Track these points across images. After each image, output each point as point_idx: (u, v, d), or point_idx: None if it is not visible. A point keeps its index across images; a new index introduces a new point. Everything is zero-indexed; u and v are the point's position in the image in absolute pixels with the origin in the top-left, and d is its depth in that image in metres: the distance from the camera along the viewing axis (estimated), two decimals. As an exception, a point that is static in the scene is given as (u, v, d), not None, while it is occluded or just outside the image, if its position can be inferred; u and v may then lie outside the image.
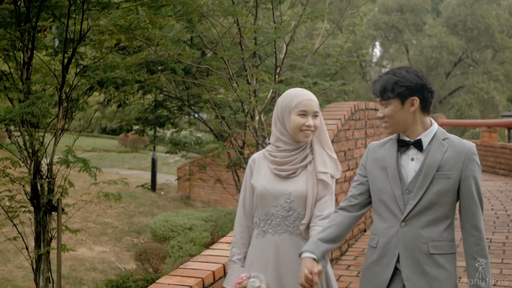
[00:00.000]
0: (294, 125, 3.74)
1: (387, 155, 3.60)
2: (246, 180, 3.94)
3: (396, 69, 3.56)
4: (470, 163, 3.42)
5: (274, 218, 3.77)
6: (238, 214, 3.97)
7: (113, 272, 13.90)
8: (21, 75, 8.52)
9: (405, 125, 3.50)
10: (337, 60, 11.69)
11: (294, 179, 3.77)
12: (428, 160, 3.46)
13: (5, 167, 8.66)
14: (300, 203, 3.74)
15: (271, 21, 10.21)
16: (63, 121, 8.90)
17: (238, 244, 3.93)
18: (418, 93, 3.45)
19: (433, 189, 3.43)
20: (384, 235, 3.57)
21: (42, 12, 8.27)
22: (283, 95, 3.88)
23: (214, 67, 9.98)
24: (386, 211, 3.58)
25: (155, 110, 12.94)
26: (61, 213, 8.74)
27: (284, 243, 3.76)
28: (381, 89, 3.51)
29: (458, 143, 3.49)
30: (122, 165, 28.93)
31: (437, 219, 3.46)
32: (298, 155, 3.79)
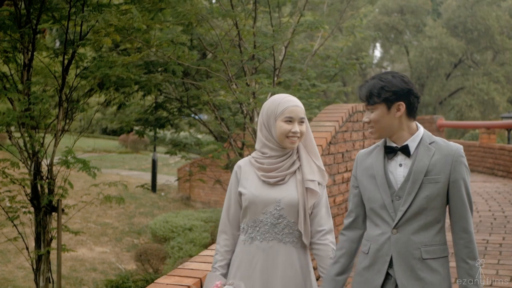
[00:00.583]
0: (280, 131, 3.69)
1: (375, 162, 3.59)
2: (231, 187, 3.86)
3: (382, 74, 3.55)
4: (458, 166, 3.42)
5: (262, 225, 3.71)
6: (222, 221, 3.90)
7: (113, 273, 13.93)
8: (21, 76, 8.56)
9: (391, 130, 3.49)
10: (337, 62, 11.69)
11: (283, 186, 3.72)
12: (416, 166, 3.44)
13: (5, 168, 8.70)
14: (291, 211, 3.70)
15: (270, 24, 10.26)
16: (63, 122, 8.95)
17: (222, 252, 3.87)
18: (404, 98, 3.44)
19: (422, 194, 3.42)
20: (376, 242, 3.56)
21: (42, 14, 8.31)
22: (269, 101, 3.84)
23: (213, 69, 10.04)
24: (378, 219, 3.57)
25: (156, 111, 12.98)
26: (61, 214, 8.78)
27: (272, 250, 3.71)
28: (367, 94, 3.51)
29: (445, 146, 3.48)
30: (123, 166, 28.96)
31: (428, 223, 3.45)
32: (285, 162, 3.74)
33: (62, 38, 9.08)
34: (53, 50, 9.10)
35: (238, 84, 9.99)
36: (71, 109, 9.15)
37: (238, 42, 9.81)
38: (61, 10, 8.50)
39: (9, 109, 8.55)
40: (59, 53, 8.85)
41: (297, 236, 3.75)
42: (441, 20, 35.37)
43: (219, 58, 9.61)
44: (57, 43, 15.17)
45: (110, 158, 31.11)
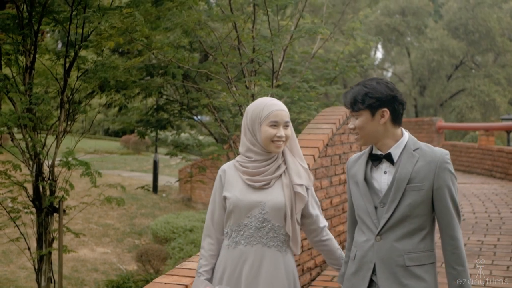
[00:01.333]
0: (265, 136, 3.64)
1: (358, 170, 3.60)
2: (216, 192, 3.80)
3: (367, 80, 3.53)
4: (442, 172, 3.40)
5: (247, 229, 3.66)
6: (207, 226, 3.84)
7: (115, 273, 14.00)
8: (23, 79, 8.65)
9: (376, 137, 3.48)
10: (337, 65, 11.76)
11: (268, 190, 3.66)
12: (399, 173, 3.42)
13: (7, 169, 8.79)
14: (275, 215, 3.65)
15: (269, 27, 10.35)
16: (65, 124, 9.04)
17: (206, 256, 3.80)
18: (389, 104, 3.42)
19: (405, 202, 3.40)
20: (361, 248, 3.56)
21: (44, 17, 8.40)
22: (253, 105, 3.77)
23: (214, 71, 10.12)
24: (364, 226, 3.57)
25: (157, 113, 13.08)
26: (62, 215, 8.87)
27: (257, 254, 3.65)
28: (351, 101, 3.48)
29: (429, 152, 3.45)
30: (124, 167, 29.05)
31: (412, 231, 3.44)
32: (270, 166, 3.69)
33: (64, 40, 9.17)
34: (54, 52, 9.18)
35: (237, 86, 10.08)
36: (73, 111, 9.25)
37: (237, 46, 9.89)
38: (62, 13, 8.59)
39: (11, 110, 8.65)
40: (61, 55, 8.94)
41: (282, 240, 3.71)
42: (442, 21, 35.39)
43: (219, 61, 9.70)
44: (59, 45, 15.26)
45: (112, 159, 31.21)
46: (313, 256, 6.43)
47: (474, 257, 7.23)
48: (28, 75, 8.59)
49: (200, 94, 10.88)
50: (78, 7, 8.26)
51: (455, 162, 16.89)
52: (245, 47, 9.95)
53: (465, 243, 7.97)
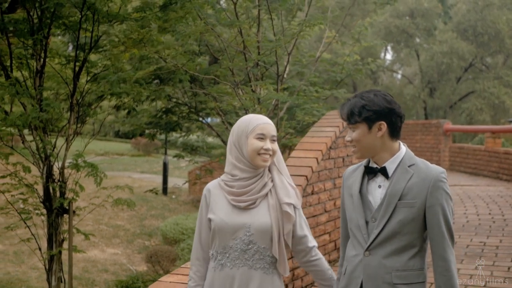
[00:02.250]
0: (251, 148, 3.53)
1: (354, 182, 3.52)
2: (202, 212, 3.69)
3: (364, 92, 3.44)
4: (435, 191, 3.31)
5: (232, 252, 3.55)
6: (195, 247, 3.73)
7: (125, 274, 14.13)
8: (34, 82, 8.81)
9: (373, 150, 3.41)
10: (343, 68, 11.84)
11: (254, 211, 3.55)
12: (391, 188, 3.34)
13: (18, 171, 8.94)
14: (261, 236, 3.53)
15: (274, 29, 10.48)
16: (75, 127, 9.18)
17: (195, 278, 3.70)
18: (386, 117, 3.35)
19: (396, 218, 3.33)
20: (351, 263, 3.49)
21: (53, 22, 8.55)
22: (239, 121, 3.68)
23: (221, 75, 10.27)
24: (354, 240, 3.50)
25: (166, 115, 13.20)
26: (72, 216, 9.02)
27: (242, 277, 3.54)
28: (348, 113, 3.40)
29: (424, 169, 3.37)
30: (135, 168, 29.17)
31: (401, 248, 3.36)
32: (256, 184, 3.56)
33: (75, 43, 9.32)
34: (65, 57, 9.33)
35: (244, 90, 10.21)
36: (82, 114, 9.40)
37: (243, 50, 10.02)
38: (72, 18, 8.74)
39: (22, 112, 8.79)
40: (70, 60, 9.09)
41: (268, 262, 3.59)
42: (452, 23, 35.32)
43: (224, 65, 9.84)
44: (69, 47, 15.41)
45: (122, 161, 31.36)
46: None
47: (475, 258, 7.34)
48: (38, 79, 8.74)
49: (207, 97, 11.03)
50: (87, 12, 8.41)
51: (462, 164, 16.96)
52: (251, 52, 10.09)
53: (468, 244, 8.07)
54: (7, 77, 8.67)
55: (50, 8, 8.26)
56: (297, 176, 6.23)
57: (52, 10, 8.30)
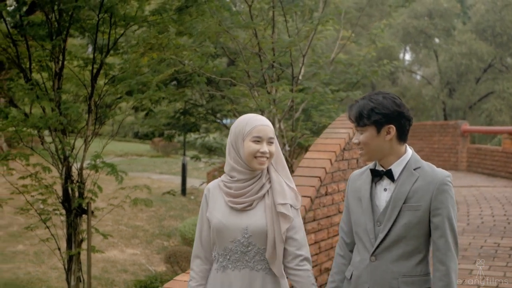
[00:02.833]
0: (248, 152, 3.46)
1: (363, 185, 3.47)
2: (202, 211, 3.66)
3: (373, 94, 3.39)
4: (440, 194, 3.26)
5: (233, 254, 3.51)
6: (196, 246, 3.70)
7: (144, 274, 14.20)
8: (52, 84, 8.93)
9: (381, 153, 3.35)
10: (359, 70, 11.87)
11: (250, 212, 3.50)
12: (396, 191, 3.31)
13: (38, 172, 9.06)
14: (259, 238, 3.48)
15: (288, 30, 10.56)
16: (93, 128, 9.29)
17: (196, 278, 3.67)
18: (395, 121, 3.30)
19: (401, 222, 3.29)
20: (357, 268, 3.46)
21: (71, 25, 8.67)
22: (237, 122, 3.61)
23: (237, 77, 10.36)
24: (360, 244, 3.46)
25: (184, 116, 13.30)
26: (90, 216, 9.13)
27: (245, 279, 3.51)
28: (356, 115, 3.35)
29: (430, 172, 3.32)
30: (154, 169, 29.23)
31: (408, 253, 3.32)
32: (253, 185, 3.52)
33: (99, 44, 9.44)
34: (82, 59, 9.45)
35: (259, 92, 10.29)
36: (100, 115, 9.51)
37: (258, 52, 10.11)
38: (89, 21, 8.85)
39: (42, 114, 8.92)
40: (88, 62, 9.20)
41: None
42: (470, 24, 35.16)
43: (240, 68, 9.93)
44: (89, 48, 15.54)
45: (142, 161, 31.45)
46: (331, 257, 6.58)
47: (490, 259, 7.36)
48: (57, 81, 8.86)
49: (224, 99, 11.13)
50: (104, 15, 8.52)
51: (479, 165, 16.90)
52: (266, 54, 10.17)
53: (482, 245, 8.09)
54: (26, 80, 8.80)
55: (68, 11, 8.38)
56: (311, 177, 6.29)
57: (70, 13, 8.42)
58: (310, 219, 6.18)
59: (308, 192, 6.15)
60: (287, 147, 10.40)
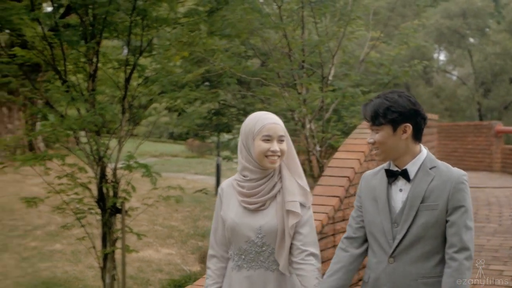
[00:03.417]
0: (258, 151, 3.43)
1: (378, 185, 3.41)
2: (217, 210, 3.66)
3: (387, 93, 3.34)
4: (457, 193, 3.22)
5: (247, 254, 3.50)
6: (211, 244, 3.71)
7: (179, 274, 14.29)
8: (87, 86, 9.10)
9: (397, 152, 3.30)
10: (389, 70, 11.85)
11: (263, 212, 3.48)
12: (413, 191, 3.26)
13: (73, 172, 9.23)
14: (273, 238, 3.46)
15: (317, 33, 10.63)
16: (127, 129, 9.43)
17: (213, 276, 3.66)
18: (411, 119, 3.26)
19: (418, 222, 3.24)
20: (374, 271, 3.40)
21: (105, 28, 8.83)
22: (246, 120, 3.59)
23: (268, 77, 10.45)
24: (376, 245, 3.40)
25: (217, 117, 13.41)
26: (125, 216, 9.27)
27: (260, 278, 3.49)
28: (372, 114, 3.30)
29: (446, 171, 3.28)
30: (189, 170, 29.32)
31: (427, 253, 3.26)
32: (266, 185, 3.49)
33: (130, 45, 9.59)
34: (116, 61, 9.60)
35: (289, 92, 10.37)
36: (134, 116, 9.65)
37: (288, 52, 10.20)
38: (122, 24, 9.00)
39: (77, 116, 9.09)
40: (122, 64, 9.35)
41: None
42: (505, 23, 34.79)
43: (270, 68, 10.02)
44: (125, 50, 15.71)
45: (177, 162, 31.59)
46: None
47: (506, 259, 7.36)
48: (91, 83, 9.03)
49: (255, 99, 11.22)
50: (136, 17, 8.66)
51: (514, 165, 16.80)
52: (296, 54, 10.25)
53: (500, 243, 8.08)
54: (62, 81, 8.97)
55: (101, 14, 8.54)
56: (340, 177, 6.37)
57: (103, 16, 8.58)
58: (339, 219, 6.25)
59: (337, 192, 6.22)
60: (317, 147, 10.46)
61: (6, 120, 20.83)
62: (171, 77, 9.24)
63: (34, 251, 14.80)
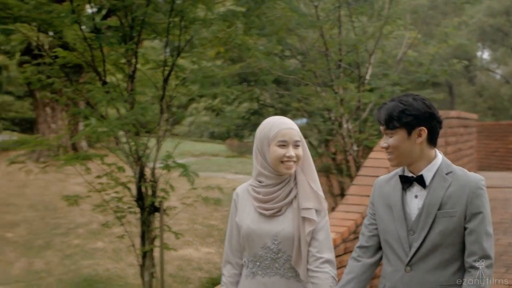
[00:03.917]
0: (274, 156, 3.38)
1: (392, 192, 3.32)
2: (232, 216, 3.61)
3: (402, 96, 3.26)
4: (475, 199, 3.11)
5: (262, 260, 3.43)
6: (226, 251, 3.66)
7: (218, 273, 14.36)
8: (126, 86, 9.23)
9: (411, 157, 3.21)
10: (428, 69, 11.77)
11: (279, 218, 3.42)
12: (429, 198, 3.17)
13: (112, 171, 9.36)
14: (289, 245, 3.39)
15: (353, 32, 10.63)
16: (165, 128, 9.54)
17: (227, 283, 3.62)
18: (426, 122, 3.17)
19: (436, 229, 3.14)
20: (390, 280, 3.31)
21: (143, 29, 8.95)
22: (261, 125, 3.55)
23: (306, 77, 10.48)
24: (391, 253, 3.31)
25: (255, 116, 13.47)
26: (163, 214, 9.37)
27: (274, 285, 3.43)
28: (386, 118, 3.21)
29: (463, 176, 3.18)
30: (229, 169, 29.37)
31: (445, 261, 3.16)
32: (281, 191, 3.43)
33: (171, 45, 9.70)
34: (154, 61, 9.71)
35: (326, 91, 10.39)
36: (171, 117, 9.75)
37: (324, 52, 10.22)
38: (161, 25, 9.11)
39: (117, 117, 9.23)
40: (160, 64, 9.45)
41: None
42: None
43: (307, 68, 10.04)
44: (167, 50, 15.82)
45: (217, 161, 31.68)
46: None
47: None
48: (130, 83, 9.15)
49: (292, 99, 11.26)
50: (174, 18, 8.76)
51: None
52: (332, 54, 10.27)
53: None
54: (103, 82, 9.11)
55: (140, 16, 8.65)
56: (375, 177, 6.36)
57: (141, 18, 8.69)
58: (373, 218, 6.26)
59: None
60: (355, 147, 10.46)
61: (49, 120, 21.17)
62: (207, 72, 9.29)
63: (76, 249, 15.01)
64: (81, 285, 12.88)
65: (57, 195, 10.24)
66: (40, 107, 21.22)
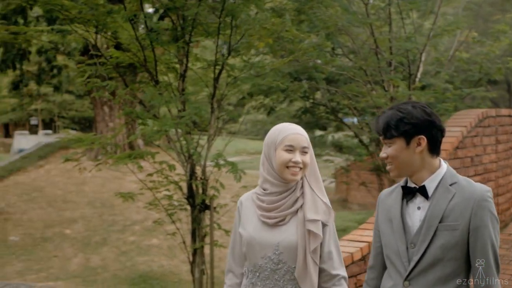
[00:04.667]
0: (279, 161, 3.27)
1: (393, 204, 3.19)
2: (235, 225, 3.52)
3: (401, 104, 3.14)
4: (480, 211, 2.95)
5: (262, 271, 3.31)
6: (228, 260, 3.57)
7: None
8: (178, 86, 9.34)
9: (411, 167, 3.08)
10: (481, 67, 11.60)
11: (282, 228, 3.30)
12: (431, 210, 3.03)
13: (163, 169, 9.48)
14: (290, 256, 3.26)
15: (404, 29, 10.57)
16: (215, 126, 9.62)
17: None
18: (425, 131, 3.03)
19: (437, 243, 3.00)
20: None
21: (194, 29, 9.05)
22: (270, 131, 3.43)
23: (356, 75, 10.46)
24: (392, 268, 3.18)
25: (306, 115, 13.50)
26: (213, 212, 9.46)
27: None
28: (383, 127, 3.10)
29: (468, 187, 3.01)
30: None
31: (446, 276, 3.01)
32: (286, 199, 3.31)
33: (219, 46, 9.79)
34: (206, 61, 9.79)
35: (376, 89, 10.35)
36: (223, 115, 9.83)
37: (375, 49, 10.18)
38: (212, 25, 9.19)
39: (170, 117, 9.35)
40: (211, 64, 9.54)
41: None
42: None
43: (358, 65, 10.02)
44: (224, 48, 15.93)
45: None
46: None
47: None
48: (181, 83, 9.26)
49: (342, 96, 11.24)
50: (225, 18, 8.83)
51: None
52: (383, 52, 10.22)
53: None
54: (155, 82, 9.24)
55: (191, 16, 8.75)
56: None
57: (192, 18, 8.79)
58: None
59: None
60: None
61: (107, 118, 21.59)
62: (257, 66, 9.32)
63: (132, 245, 15.27)
64: (136, 281, 13.09)
65: (114, 192, 10.41)
66: (99, 106, 21.63)
